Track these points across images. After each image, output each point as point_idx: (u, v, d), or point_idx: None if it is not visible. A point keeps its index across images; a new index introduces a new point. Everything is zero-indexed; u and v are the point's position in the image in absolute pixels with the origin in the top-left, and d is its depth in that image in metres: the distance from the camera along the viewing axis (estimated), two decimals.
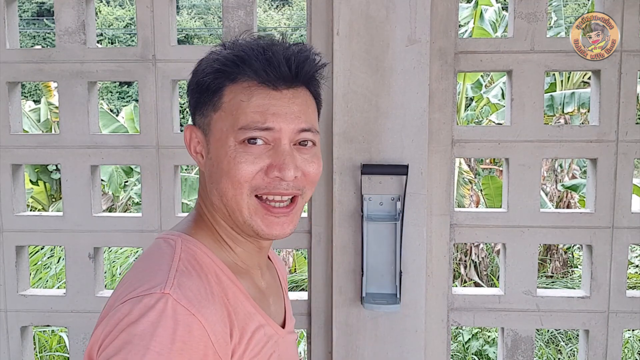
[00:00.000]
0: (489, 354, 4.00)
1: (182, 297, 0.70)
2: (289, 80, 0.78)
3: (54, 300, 1.80)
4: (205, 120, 0.81)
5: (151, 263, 0.77)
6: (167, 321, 0.67)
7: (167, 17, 1.70)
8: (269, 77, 0.77)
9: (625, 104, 1.66)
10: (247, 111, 0.77)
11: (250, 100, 0.77)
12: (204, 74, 0.81)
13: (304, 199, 0.83)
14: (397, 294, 1.57)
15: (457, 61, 1.67)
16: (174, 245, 0.79)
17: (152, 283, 0.71)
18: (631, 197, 1.70)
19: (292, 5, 20.83)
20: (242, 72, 0.78)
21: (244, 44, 0.80)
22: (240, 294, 0.80)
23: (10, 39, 1.76)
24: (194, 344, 0.68)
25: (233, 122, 0.77)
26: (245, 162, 0.77)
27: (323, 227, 1.69)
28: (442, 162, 1.68)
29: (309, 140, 0.81)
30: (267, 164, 0.77)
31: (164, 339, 0.66)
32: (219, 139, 0.79)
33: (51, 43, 17.18)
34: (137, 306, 0.68)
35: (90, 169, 1.75)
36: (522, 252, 1.71)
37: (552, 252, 6.44)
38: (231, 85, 0.79)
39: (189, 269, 0.75)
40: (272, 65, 0.77)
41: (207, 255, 0.80)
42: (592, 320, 1.72)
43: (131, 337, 0.66)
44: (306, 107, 0.81)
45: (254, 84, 0.78)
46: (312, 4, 1.66)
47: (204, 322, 0.70)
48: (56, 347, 3.36)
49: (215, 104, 0.80)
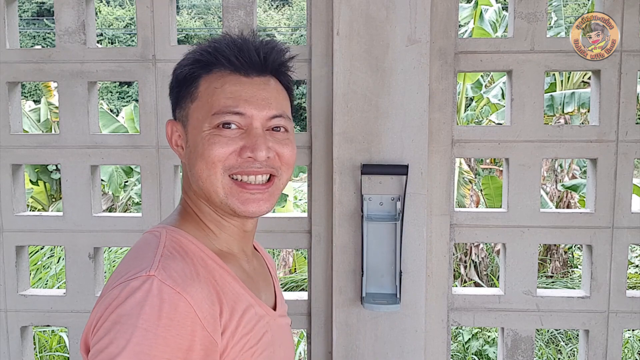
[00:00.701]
0: (489, 354, 3.99)
1: (167, 277, 0.73)
2: (258, 68, 0.84)
3: (54, 300, 1.80)
4: (184, 112, 0.86)
5: (138, 253, 0.81)
6: (153, 300, 0.70)
7: (167, 17, 1.70)
8: (240, 63, 0.83)
9: (625, 104, 1.67)
10: (220, 97, 0.82)
11: (223, 87, 0.82)
12: (181, 67, 0.87)
13: (281, 181, 0.87)
14: (397, 294, 1.57)
15: (457, 61, 1.67)
16: (159, 235, 0.83)
17: (138, 268, 0.75)
18: (631, 197, 1.70)
19: (292, 5, 20.83)
20: (217, 61, 0.83)
21: (219, 38, 0.86)
22: (228, 275, 0.83)
23: (10, 39, 1.76)
24: (180, 320, 0.71)
25: (208, 108, 0.82)
26: (219, 144, 0.81)
27: (323, 227, 1.69)
28: (442, 162, 1.68)
29: (281, 126, 0.86)
30: (240, 146, 0.82)
31: (151, 317, 0.69)
32: (196, 127, 0.83)
33: (51, 43, 17.18)
34: (124, 289, 0.72)
35: (90, 169, 1.75)
36: (522, 252, 1.71)
37: (552, 252, 6.44)
38: (206, 76, 0.84)
39: (174, 253, 0.79)
40: (242, 52, 0.83)
41: (191, 243, 0.83)
42: (592, 320, 1.72)
43: (119, 317, 0.70)
44: (277, 93, 0.86)
45: (226, 73, 0.83)
46: (312, 4, 1.66)
47: (190, 300, 0.72)
48: (56, 347, 3.36)
49: (192, 94, 0.85)
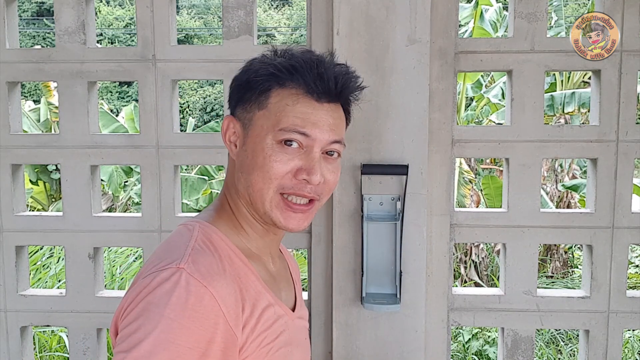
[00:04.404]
0: (489, 354, 3.99)
1: (195, 271, 0.77)
2: (331, 96, 0.87)
3: (54, 300, 1.80)
4: (248, 115, 0.88)
5: (170, 244, 0.85)
6: (180, 291, 0.74)
7: (167, 17, 1.70)
8: (316, 89, 0.85)
9: (625, 104, 1.66)
10: (290, 115, 0.85)
11: (294, 106, 0.85)
12: (255, 74, 0.88)
13: (321, 203, 0.91)
14: (397, 294, 1.57)
15: (457, 61, 1.67)
16: (192, 229, 0.87)
17: (169, 259, 0.79)
18: (631, 197, 1.70)
19: (292, 5, 20.83)
20: (294, 79, 0.86)
21: (298, 55, 0.88)
22: (252, 274, 0.87)
23: (10, 39, 1.76)
24: (205, 312, 0.75)
25: (275, 122, 0.85)
26: (280, 162, 0.84)
27: (323, 227, 1.69)
28: (442, 162, 1.68)
29: (335, 151, 0.89)
30: (297, 167, 0.85)
31: (177, 307, 0.73)
32: (258, 135, 0.86)
33: (51, 43, 17.18)
34: (155, 279, 0.76)
35: (90, 169, 1.75)
36: (522, 252, 1.71)
37: (552, 252, 6.44)
38: (279, 89, 0.86)
39: (204, 248, 0.83)
40: (322, 79, 0.85)
41: (221, 239, 0.87)
42: (592, 320, 1.71)
43: (148, 305, 0.74)
44: (340, 121, 0.91)
45: (300, 92, 0.86)
46: (312, 3, 1.66)
47: (215, 294, 0.76)
48: (56, 347, 3.36)
49: (261, 103, 0.87)
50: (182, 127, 6.69)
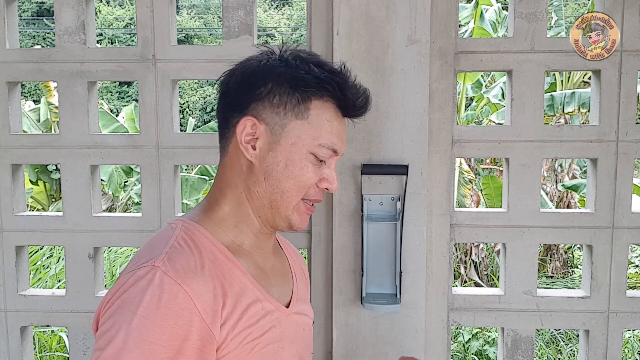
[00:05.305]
0: (489, 354, 3.99)
1: (170, 269, 0.78)
2: (351, 114, 0.92)
3: (54, 300, 1.80)
4: (280, 122, 0.87)
5: (152, 243, 0.87)
6: (153, 289, 0.76)
7: (167, 17, 1.70)
8: (347, 107, 0.90)
9: (625, 104, 1.66)
10: (330, 132, 0.88)
11: (332, 122, 0.89)
12: (294, 80, 0.86)
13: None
14: (397, 294, 1.57)
15: (457, 61, 1.67)
16: (175, 228, 0.88)
17: (146, 258, 0.81)
18: (631, 197, 1.70)
19: (292, 5, 20.82)
20: (333, 95, 0.88)
21: (343, 75, 0.89)
22: (237, 270, 0.87)
23: (10, 39, 1.76)
24: (178, 310, 0.76)
25: (315, 135, 0.87)
26: (312, 172, 0.89)
27: (323, 227, 1.69)
28: (442, 162, 1.68)
29: None
30: (320, 176, 0.90)
31: (150, 305, 0.75)
32: (295, 144, 0.87)
33: (51, 43, 17.18)
34: (131, 277, 0.78)
35: (90, 169, 1.75)
36: (522, 252, 1.71)
37: (552, 252, 6.44)
38: (318, 101, 0.88)
39: (183, 246, 0.84)
40: (355, 101, 0.89)
41: (204, 237, 0.87)
42: (592, 320, 1.71)
43: (123, 303, 0.77)
44: None
45: (333, 106, 0.89)
46: (312, 3, 1.66)
47: (190, 291, 0.77)
48: (56, 347, 3.36)
49: (301, 112, 0.87)
50: (182, 127, 6.69)
